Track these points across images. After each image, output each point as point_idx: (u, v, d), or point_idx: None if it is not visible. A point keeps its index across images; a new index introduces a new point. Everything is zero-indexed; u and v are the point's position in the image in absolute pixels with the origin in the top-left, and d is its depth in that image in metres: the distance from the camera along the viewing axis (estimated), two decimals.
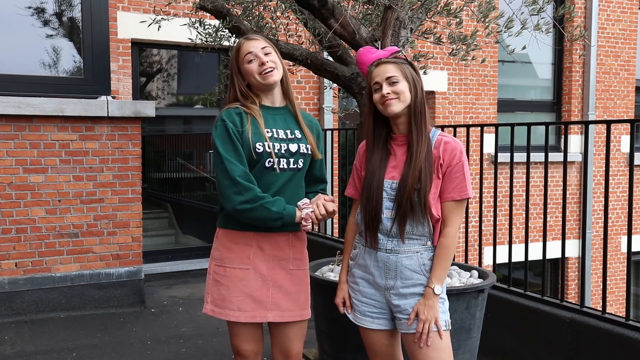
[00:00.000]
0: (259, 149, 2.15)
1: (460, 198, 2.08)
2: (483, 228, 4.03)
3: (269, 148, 2.15)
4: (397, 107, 2.07)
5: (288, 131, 2.24)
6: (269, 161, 2.16)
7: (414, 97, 2.09)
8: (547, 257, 3.65)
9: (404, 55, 2.14)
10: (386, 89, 2.07)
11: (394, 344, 2.23)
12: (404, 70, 2.09)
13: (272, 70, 2.18)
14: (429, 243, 2.11)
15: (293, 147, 2.21)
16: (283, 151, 2.19)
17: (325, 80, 4.49)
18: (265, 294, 2.21)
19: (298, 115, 2.28)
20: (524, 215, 3.52)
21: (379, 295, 2.16)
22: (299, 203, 2.19)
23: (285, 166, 2.20)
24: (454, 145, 2.10)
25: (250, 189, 2.10)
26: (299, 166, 2.23)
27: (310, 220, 2.17)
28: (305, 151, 2.24)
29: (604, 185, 4.65)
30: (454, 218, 2.09)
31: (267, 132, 2.18)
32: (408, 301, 2.09)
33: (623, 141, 8.88)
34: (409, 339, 2.11)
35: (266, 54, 2.20)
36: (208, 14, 3.63)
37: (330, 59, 3.55)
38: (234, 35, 3.63)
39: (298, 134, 2.26)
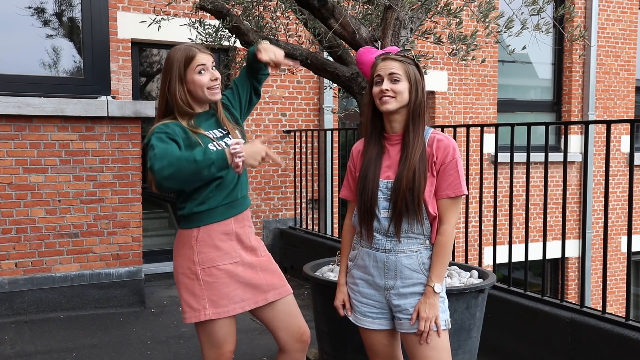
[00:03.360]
0: (212, 150, 2.21)
1: (455, 195, 2.08)
2: (483, 228, 4.03)
3: (219, 146, 2.22)
4: (391, 105, 2.07)
5: (221, 129, 2.33)
6: None
7: (413, 98, 2.09)
8: (547, 257, 3.65)
9: (413, 56, 2.14)
10: (386, 84, 2.07)
11: (394, 344, 2.24)
12: (407, 70, 2.09)
13: (218, 88, 2.29)
14: (427, 242, 2.11)
15: (230, 141, 2.26)
16: (225, 146, 2.24)
17: (325, 80, 4.50)
18: (259, 279, 2.29)
19: (220, 112, 2.35)
20: (524, 215, 3.52)
21: (379, 296, 2.16)
22: (230, 142, 2.16)
23: None
24: (446, 143, 2.09)
25: (166, 152, 2.03)
26: None
27: (242, 154, 2.05)
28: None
29: (604, 185, 4.65)
30: (450, 215, 2.09)
31: (210, 134, 2.27)
32: (408, 301, 2.09)
33: (623, 141, 8.87)
34: (409, 338, 2.11)
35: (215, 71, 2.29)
36: (208, 14, 3.64)
37: (330, 59, 3.55)
38: (234, 35, 3.63)
39: (225, 129, 2.34)
